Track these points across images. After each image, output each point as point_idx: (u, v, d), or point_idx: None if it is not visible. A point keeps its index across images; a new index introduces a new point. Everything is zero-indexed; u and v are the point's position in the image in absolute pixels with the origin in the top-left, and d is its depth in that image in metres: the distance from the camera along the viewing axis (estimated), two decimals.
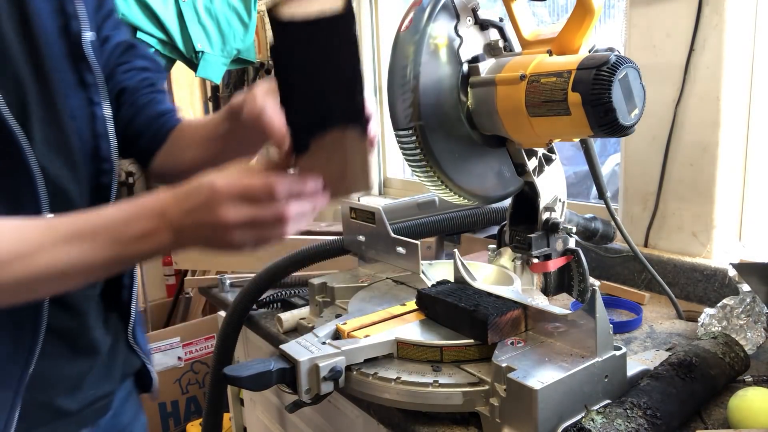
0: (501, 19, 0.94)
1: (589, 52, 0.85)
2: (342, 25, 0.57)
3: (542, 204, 0.97)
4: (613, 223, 1.10)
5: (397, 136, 0.93)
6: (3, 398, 0.68)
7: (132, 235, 0.60)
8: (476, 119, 0.92)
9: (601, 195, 1.04)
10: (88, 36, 0.76)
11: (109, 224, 0.60)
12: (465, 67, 0.91)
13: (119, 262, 0.62)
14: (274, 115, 0.66)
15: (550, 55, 0.85)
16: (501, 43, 0.94)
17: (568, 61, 0.79)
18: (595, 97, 0.74)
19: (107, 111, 0.79)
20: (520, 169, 0.97)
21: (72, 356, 0.77)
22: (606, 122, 0.75)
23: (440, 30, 0.89)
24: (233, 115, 0.76)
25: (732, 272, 0.97)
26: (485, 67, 0.90)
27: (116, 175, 0.80)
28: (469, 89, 0.91)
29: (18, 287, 0.59)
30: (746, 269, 0.92)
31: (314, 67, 0.60)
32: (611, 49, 0.82)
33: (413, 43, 0.88)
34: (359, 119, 0.62)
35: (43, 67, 0.70)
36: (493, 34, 0.94)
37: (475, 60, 0.91)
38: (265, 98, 0.69)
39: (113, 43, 0.84)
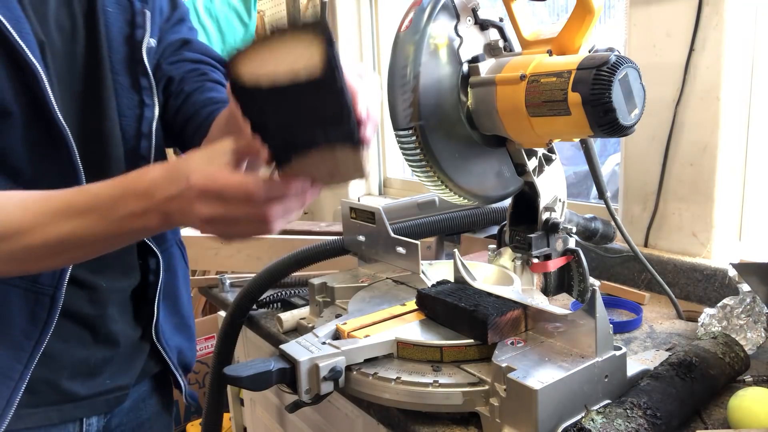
0: (501, 19, 0.94)
1: (589, 52, 0.85)
2: (321, 86, 0.49)
3: (542, 204, 0.97)
4: (613, 223, 1.10)
5: (397, 136, 0.93)
6: (13, 369, 0.70)
7: (122, 214, 0.60)
8: (476, 119, 0.92)
9: (601, 195, 1.05)
10: (149, 43, 0.80)
11: (100, 202, 0.61)
12: (465, 67, 0.91)
13: (114, 238, 0.63)
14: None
15: (550, 55, 0.85)
16: (501, 43, 0.94)
17: (568, 61, 0.79)
18: (595, 97, 0.74)
19: (156, 111, 0.82)
20: (520, 169, 0.97)
21: (88, 343, 0.79)
22: (606, 122, 0.75)
23: (440, 30, 0.89)
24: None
25: (732, 272, 0.97)
26: (485, 67, 0.90)
27: None
28: (469, 89, 0.91)
29: (21, 259, 0.61)
30: (746, 269, 0.92)
31: (287, 115, 0.54)
32: (611, 49, 0.82)
33: (413, 43, 0.88)
34: (348, 139, 0.57)
35: (102, 69, 0.75)
36: (493, 34, 0.94)
37: (475, 60, 0.91)
38: None
39: (167, 42, 0.87)
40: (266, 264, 1.21)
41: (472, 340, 0.79)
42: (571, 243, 1.02)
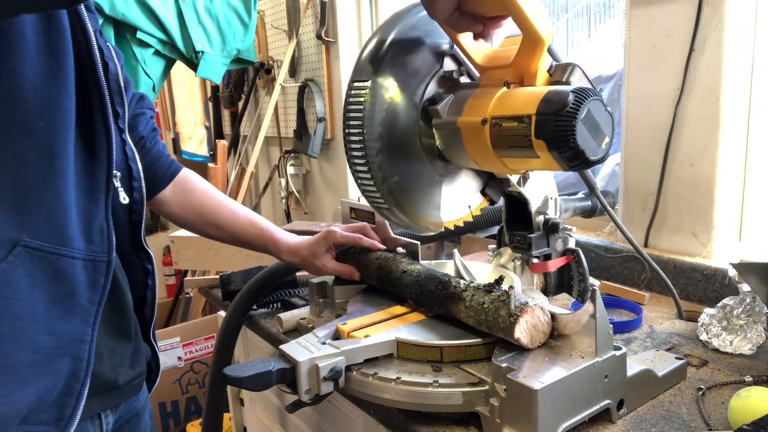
0: (452, 46, 0.88)
1: (549, 71, 0.80)
2: None
3: (533, 208, 0.97)
4: (601, 201, 1.06)
5: (356, 178, 0.88)
6: (85, 333, 0.75)
7: None
8: (448, 156, 0.89)
9: (592, 190, 1.03)
10: (121, 75, 0.87)
11: None
12: (425, 104, 0.87)
13: None
14: None
15: (508, 87, 0.81)
16: (456, 74, 0.89)
17: (528, 99, 0.75)
18: (560, 143, 0.71)
19: (130, 138, 0.89)
20: (505, 183, 0.95)
21: (117, 333, 0.85)
22: (575, 163, 0.73)
23: (391, 78, 0.85)
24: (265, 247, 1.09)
25: (732, 272, 0.97)
26: (444, 108, 0.86)
27: (145, 193, 0.90)
28: (434, 130, 0.88)
29: None
30: (746, 269, 0.92)
31: None
32: (570, 66, 0.78)
33: (368, 89, 0.84)
34: None
35: (90, 98, 0.78)
36: (448, 64, 0.89)
37: (433, 101, 0.87)
38: None
39: (130, 94, 0.96)
40: (267, 264, 1.21)
41: (472, 340, 0.79)
42: (571, 243, 1.02)
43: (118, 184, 0.84)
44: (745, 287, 0.95)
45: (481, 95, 0.83)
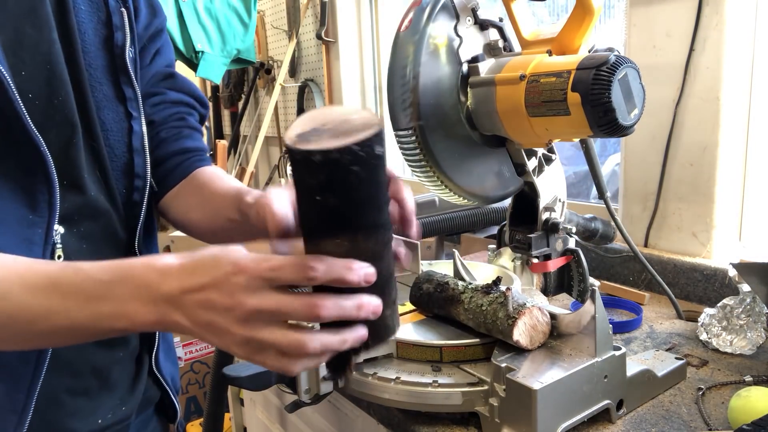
0: (501, 19, 0.94)
1: (589, 51, 0.84)
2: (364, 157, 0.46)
3: (542, 204, 0.97)
4: (612, 223, 1.10)
5: (396, 136, 0.92)
6: (14, 401, 0.63)
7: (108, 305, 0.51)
8: (476, 119, 0.92)
9: (601, 195, 1.04)
10: (130, 52, 0.74)
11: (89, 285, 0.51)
12: (465, 67, 0.91)
13: (87, 331, 0.52)
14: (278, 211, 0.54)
15: (550, 56, 0.85)
16: (501, 43, 0.94)
17: (568, 61, 0.79)
18: (594, 97, 0.74)
19: (144, 127, 0.75)
20: (520, 169, 0.97)
21: (86, 374, 0.72)
22: (605, 122, 0.75)
23: (440, 30, 0.89)
24: (243, 213, 0.70)
25: (732, 272, 0.97)
26: (485, 67, 0.90)
27: (148, 193, 0.75)
28: (468, 89, 0.91)
29: None
30: (746, 269, 0.92)
31: (331, 193, 0.48)
32: (611, 49, 0.82)
33: (413, 43, 0.88)
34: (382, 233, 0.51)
35: (81, 80, 0.68)
36: (493, 34, 0.94)
37: (474, 60, 0.91)
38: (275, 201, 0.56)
39: (153, 71, 0.81)
40: None
41: (471, 340, 0.79)
42: (571, 243, 1.02)
43: (58, 239, 0.67)
44: (745, 287, 0.95)
45: (523, 59, 0.87)
